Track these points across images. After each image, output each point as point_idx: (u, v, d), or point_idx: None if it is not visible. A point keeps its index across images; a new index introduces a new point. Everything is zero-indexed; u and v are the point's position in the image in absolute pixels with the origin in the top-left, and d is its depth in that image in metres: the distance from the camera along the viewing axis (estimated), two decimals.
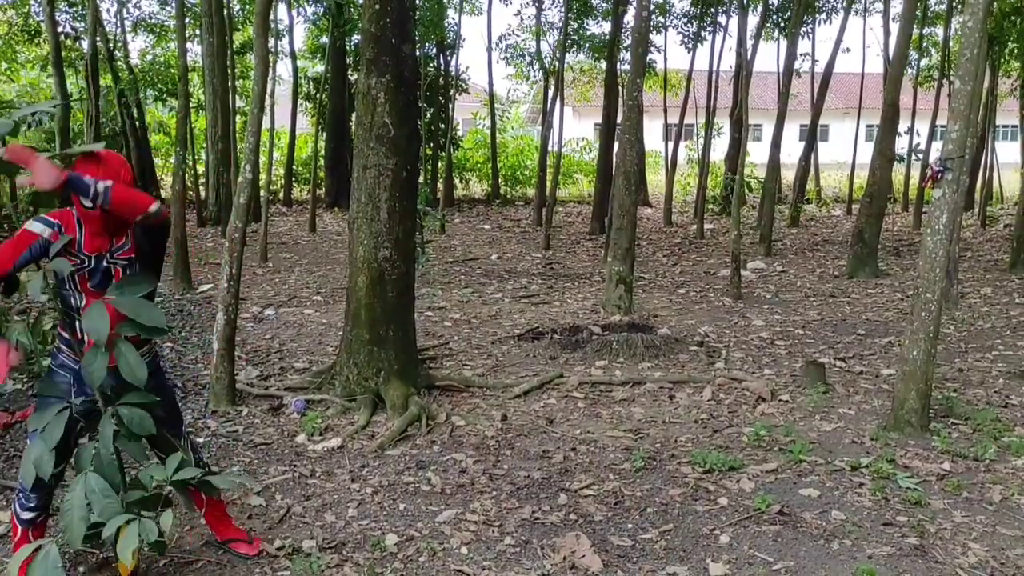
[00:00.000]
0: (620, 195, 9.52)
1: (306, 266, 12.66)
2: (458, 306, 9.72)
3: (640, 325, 8.24)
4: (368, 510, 4.21)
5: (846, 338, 8.13)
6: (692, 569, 3.61)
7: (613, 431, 5.44)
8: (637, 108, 9.33)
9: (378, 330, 5.86)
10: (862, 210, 12.15)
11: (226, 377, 5.82)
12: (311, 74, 24.76)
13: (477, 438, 5.26)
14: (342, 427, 5.43)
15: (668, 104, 22.72)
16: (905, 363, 5.28)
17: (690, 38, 20.86)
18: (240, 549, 3.68)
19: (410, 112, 5.88)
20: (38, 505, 3.22)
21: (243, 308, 8.76)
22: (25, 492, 3.19)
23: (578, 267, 13.16)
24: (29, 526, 3.24)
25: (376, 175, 5.73)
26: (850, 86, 32.26)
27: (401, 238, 5.86)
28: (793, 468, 4.74)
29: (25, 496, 3.21)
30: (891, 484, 4.49)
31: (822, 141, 32.28)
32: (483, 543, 3.86)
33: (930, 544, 3.83)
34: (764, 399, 6.05)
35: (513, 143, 29.32)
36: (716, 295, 10.56)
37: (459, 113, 24.48)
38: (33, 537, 3.22)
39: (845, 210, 22.50)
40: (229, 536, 3.72)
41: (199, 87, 21.00)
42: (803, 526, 4.01)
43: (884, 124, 11.77)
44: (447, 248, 15.08)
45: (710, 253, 14.81)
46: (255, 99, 5.99)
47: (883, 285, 11.23)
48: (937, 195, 5.15)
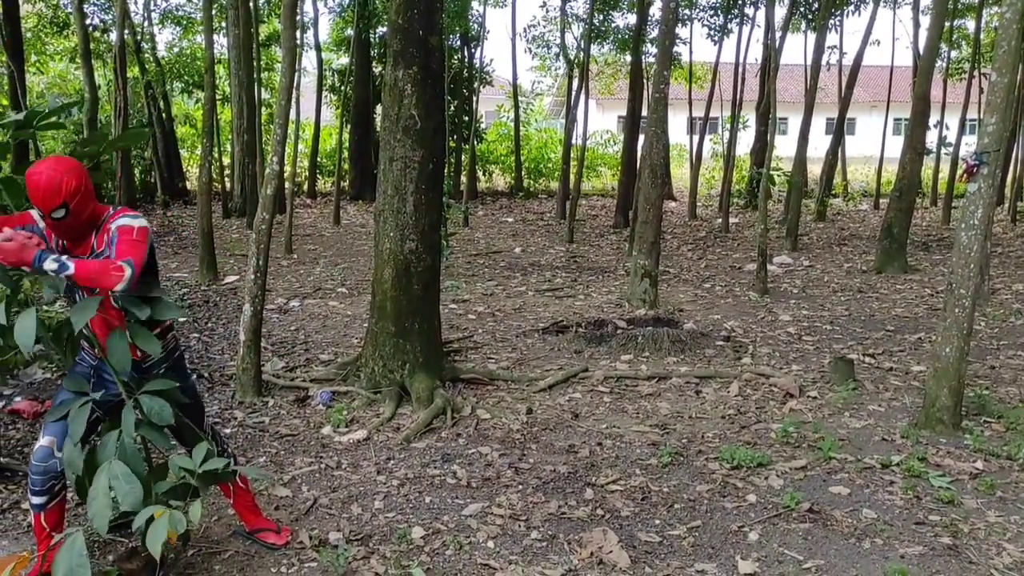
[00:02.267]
0: (645, 188, 9.45)
1: (331, 258, 12.70)
2: (482, 299, 9.70)
3: (665, 319, 8.19)
4: (394, 502, 4.21)
5: (875, 334, 8.03)
6: (721, 566, 3.57)
7: (639, 426, 5.40)
8: (663, 100, 9.25)
9: (403, 322, 5.85)
10: (891, 204, 11.99)
11: (252, 368, 5.85)
12: (336, 66, 24.80)
13: (502, 431, 5.25)
14: (368, 419, 5.43)
15: (693, 97, 22.54)
16: (937, 360, 5.20)
17: (716, 30, 20.66)
18: (268, 539, 3.70)
19: (436, 104, 5.86)
20: (44, 490, 3.24)
21: (269, 299, 8.79)
22: (31, 478, 3.25)
23: (602, 261, 13.10)
24: (41, 510, 3.27)
25: (402, 167, 5.72)
26: (878, 79, 31.87)
27: (427, 230, 5.85)
28: (822, 465, 4.69)
29: (31, 481, 3.26)
30: (923, 483, 4.43)
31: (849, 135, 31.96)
32: (509, 537, 3.84)
33: (963, 544, 3.77)
34: (792, 395, 5.99)
35: (537, 136, 29.23)
36: (742, 290, 10.47)
37: (483, 105, 24.45)
38: (47, 522, 3.26)
39: (872, 204, 22.24)
40: (258, 526, 3.74)
41: (225, 79, 21.10)
42: (833, 524, 3.96)
43: (914, 117, 11.60)
44: (471, 241, 15.06)
45: (735, 247, 14.69)
46: (282, 91, 6.00)
47: (912, 280, 11.08)
48: (972, 189, 5.06)
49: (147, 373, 3.28)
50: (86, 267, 2.90)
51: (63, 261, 2.87)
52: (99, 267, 2.91)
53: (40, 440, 3.27)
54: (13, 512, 4.02)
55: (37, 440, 3.28)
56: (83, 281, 2.91)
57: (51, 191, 2.92)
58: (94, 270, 2.90)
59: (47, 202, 2.94)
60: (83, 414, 3.07)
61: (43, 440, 3.25)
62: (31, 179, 2.93)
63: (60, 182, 2.92)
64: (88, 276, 2.90)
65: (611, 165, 27.55)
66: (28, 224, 3.10)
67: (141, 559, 3.22)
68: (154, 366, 3.29)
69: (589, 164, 26.10)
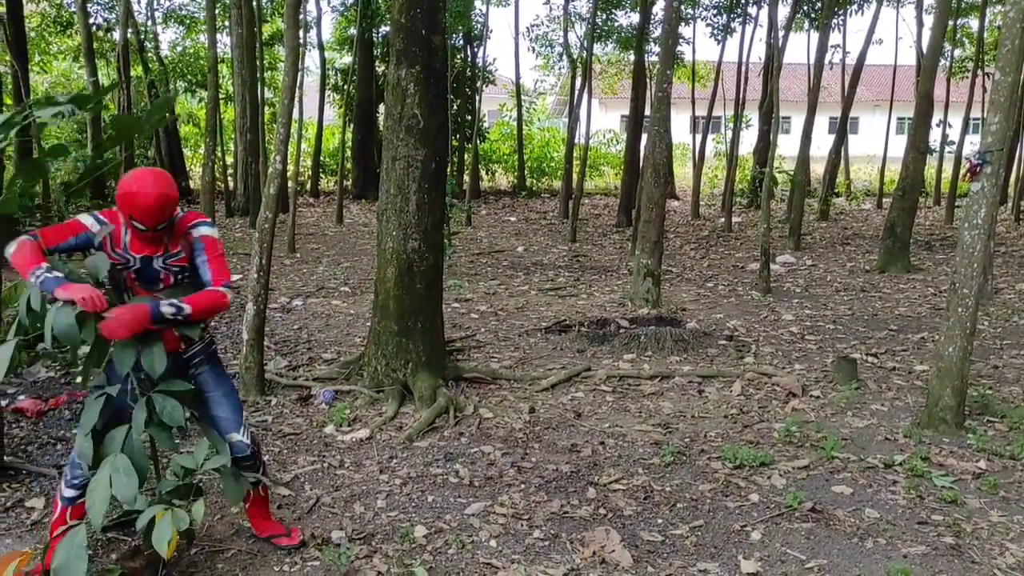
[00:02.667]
0: (648, 187, 9.45)
1: (334, 257, 12.71)
2: (485, 298, 9.70)
3: (668, 319, 8.18)
4: (397, 501, 4.21)
5: (878, 333, 8.02)
6: (723, 566, 3.57)
7: (642, 425, 5.40)
8: (666, 99, 9.25)
9: (406, 321, 5.85)
10: (894, 203, 11.97)
11: (255, 367, 5.85)
12: (339, 65, 24.84)
13: (505, 431, 5.25)
14: (370, 418, 5.44)
15: (696, 96, 22.53)
16: (940, 359, 5.20)
17: (719, 29, 20.65)
18: (282, 543, 3.67)
19: (439, 103, 5.86)
20: (80, 484, 3.23)
21: (272, 298, 8.80)
22: (72, 469, 3.24)
23: (605, 260, 13.10)
24: (69, 504, 3.28)
25: (405, 166, 5.72)
26: (881, 78, 31.85)
27: (429, 230, 5.85)
28: (825, 465, 4.68)
29: (71, 473, 3.26)
30: (926, 482, 4.42)
31: (852, 134, 31.90)
32: (512, 536, 3.84)
33: (966, 544, 3.76)
34: (795, 394, 5.98)
35: (539, 135, 29.26)
36: (745, 289, 10.47)
37: (486, 105, 24.44)
38: (72, 516, 3.26)
39: (875, 204, 22.22)
40: (269, 532, 3.70)
41: (228, 78, 21.13)
42: (836, 524, 3.96)
43: (917, 117, 11.59)
44: (473, 240, 15.07)
45: (738, 247, 14.69)
46: (286, 90, 6.00)
47: (915, 280, 11.07)
48: (976, 188, 5.05)
49: (187, 364, 3.31)
50: (198, 303, 3.10)
51: (178, 305, 3.04)
52: (209, 299, 3.13)
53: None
54: (17, 510, 4.02)
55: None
56: (198, 317, 3.12)
57: (166, 209, 3.04)
58: (205, 304, 3.12)
59: (160, 219, 3.05)
60: (96, 406, 3.07)
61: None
62: (141, 199, 2.98)
63: (170, 198, 3.04)
64: (202, 311, 3.12)
65: (614, 164, 27.55)
66: (80, 232, 3.10)
67: (144, 557, 3.23)
68: (194, 356, 3.32)
69: (592, 163, 26.12)
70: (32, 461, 4.60)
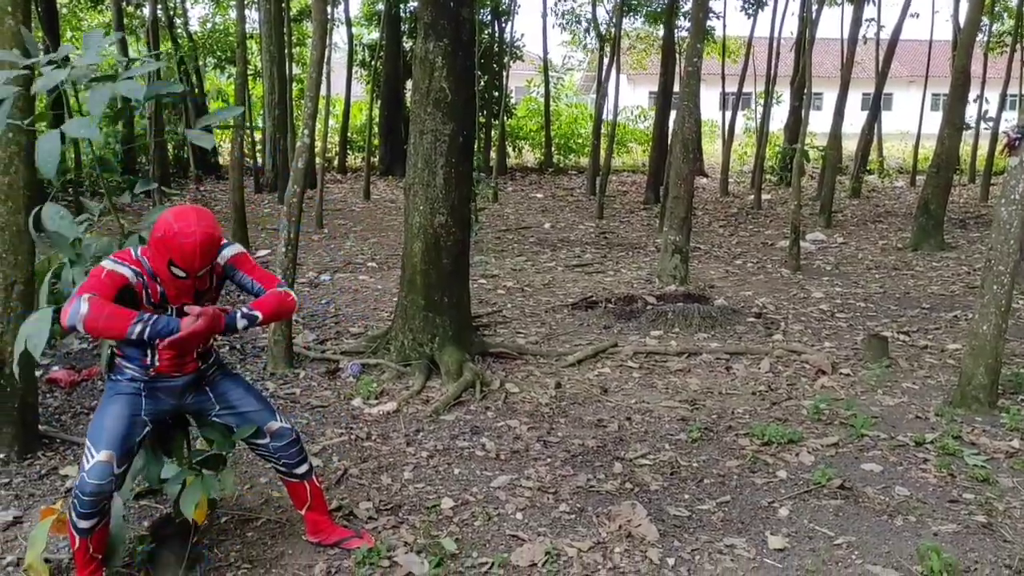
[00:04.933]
0: (677, 163, 9.36)
1: (361, 233, 12.75)
2: (511, 274, 9.69)
3: (696, 296, 8.13)
4: (423, 474, 4.24)
5: (910, 312, 7.91)
6: (750, 541, 3.56)
7: (668, 401, 5.38)
8: (696, 74, 9.13)
9: (433, 296, 5.86)
10: (928, 180, 11.76)
11: (284, 340, 5.90)
12: (366, 41, 24.76)
13: (531, 405, 5.25)
14: (397, 391, 5.46)
15: (726, 72, 22.22)
16: (974, 337, 5.11)
17: (751, 3, 20.31)
18: (352, 545, 3.42)
19: (467, 77, 5.83)
20: (95, 512, 2.88)
21: (299, 273, 8.85)
22: (80, 497, 2.86)
23: (632, 237, 13.02)
24: (88, 536, 2.92)
25: (433, 140, 5.70)
26: (916, 53, 31.23)
27: (457, 204, 5.84)
28: (855, 442, 4.64)
29: (80, 503, 2.86)
30: (957, 461, 4.36)
31: (886, 110, 31.33)
32: (538, 509, 3.85)
33: (998, 523, 3.71)
34: (824, 372, 5.93)
35: (567, 111, 29.04)
36: (774, 266, 10.36)
37: (513, 81, 24.29)
38: (93, 547, 2.95)
39: (908, 181, 21.85)
40: (337, 538, 3.46)
41: (256, 54, 21.16)
42: (865, 501, 3.92)
43: (954, 91, 11.34)
44: (500, 216, 15.04)
45: (767, 224, 14.53)
46: (314, 64, 5.99)
47: (948, 258, 10.89)
48: (1014, 163, 4.94)
49: (203, 378, 3.17)
50: (266, 306, 3.03)
51: (250, 314, 2.99)
52: (276, 300, 3.05)
53: (94, 455, 2.87)
54: (51, 478, 4.10)
55: (85, 458, 2.89)
56: (268, 321, 3.08)
57: (212, 250, 2.84)
58: (274, 307, 3.05)
59: (205, 262, 2.83)
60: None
61: (99, 455, 2.86)
62: (186, 241, 2.73)
63: (215, 239, 2.82)
64: (273, 314, 3.07)
65: (642, 141, 27.30)
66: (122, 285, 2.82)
67: (175, 525, 3.27)
68: (207, 369, 3.19)
69: (620, 140, 25.89)
70: (66, 430, 4.68)
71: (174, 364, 3.03)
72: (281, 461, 3.27)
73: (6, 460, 4.19)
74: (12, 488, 3.97)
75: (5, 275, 4.10)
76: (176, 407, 3.15)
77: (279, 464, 3.29)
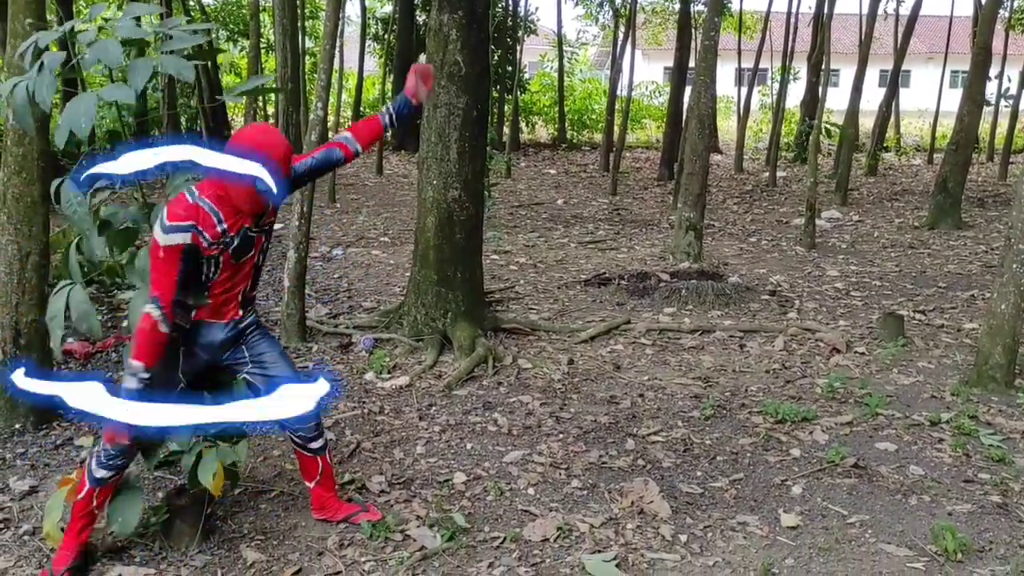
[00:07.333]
0: (692, 139, 9.27)
1: (373, 207, 12.72)
2: (524, 250, 9.66)
3: (710, 273, 8.08)
4: (436, 448, 4.24)
5: (926, 290, 7.85)
6: (763, 519, 3.55)
7: (681, 378, 5.37)
8: (713, 49, 9.02)
9: (446, 271, 5.84)
10: (946, 158, 11.62)
11: (297, 314, 5.90)
12: (379, 15, 24.60)
13: (543, 381, 5.24)
14: (410, 366, 5.47)
15: (742, 47, 21.98)
16: (992, 317, 5.06)
17: None
18: (361, 519, 3.43)
19: (481, 50, 5.77)
20: (113, 464, 2.97)
21: (312, 247, 8.84)
22: (107, 449, 2.95)
23: (646, 213, 12.94)
24: (100, 485, 2.99)
25: (447, 114, 5.66)
26: (936, 29, 30.83)
27: (470, 179, 5.80)
28: (869, 421, 4.61)
29: (104, 453, 2.95)
30: (973, 440, 4.34)
31: (904, 87, 30.96)
32: (550, 485, 3.85)
33: (1014, 503, 3.69)
34: (839, 350, 5.89)
35: (581, 87, 28.81)
36: (789, 244, 10.29)
37: (526, 56, 24.10)
38: (98, 500, 3.02)
39: (926, 159, 21.61)
40: (345, 514, 3.46)
41: (269, 27, 21.06)
42: (879, 480, 3.91)
43: (974, 68, 11.18)
44: (512, 192, 14.97)
45: (782, 201, 14.41)
46: (327, 36, 5.95)
47: (966, 237, 10.79)
48: None
49: (243, 333, 3.19)
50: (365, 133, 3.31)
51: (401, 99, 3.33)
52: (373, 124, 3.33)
53: None
54: (66, 448, 4.13)
55: None
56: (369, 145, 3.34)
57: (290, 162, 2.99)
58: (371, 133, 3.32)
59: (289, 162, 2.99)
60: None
61: None
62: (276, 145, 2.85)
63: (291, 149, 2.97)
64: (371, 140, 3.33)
65: (656, 117, 27.08)
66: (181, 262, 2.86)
67: (190, 496, 3.29)
68: (249, 324, 3.23)
69: (634, 116, 25.68)
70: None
71: (217, 309, 3.09)
72: (298, 433, 3.28)
73: (22, 430, 4.23)
74: (28, 458, 4.00)
75: (20, 246, 4.10)
76: (210, 362, 3.17)
77: (295, 435, 3.30)
